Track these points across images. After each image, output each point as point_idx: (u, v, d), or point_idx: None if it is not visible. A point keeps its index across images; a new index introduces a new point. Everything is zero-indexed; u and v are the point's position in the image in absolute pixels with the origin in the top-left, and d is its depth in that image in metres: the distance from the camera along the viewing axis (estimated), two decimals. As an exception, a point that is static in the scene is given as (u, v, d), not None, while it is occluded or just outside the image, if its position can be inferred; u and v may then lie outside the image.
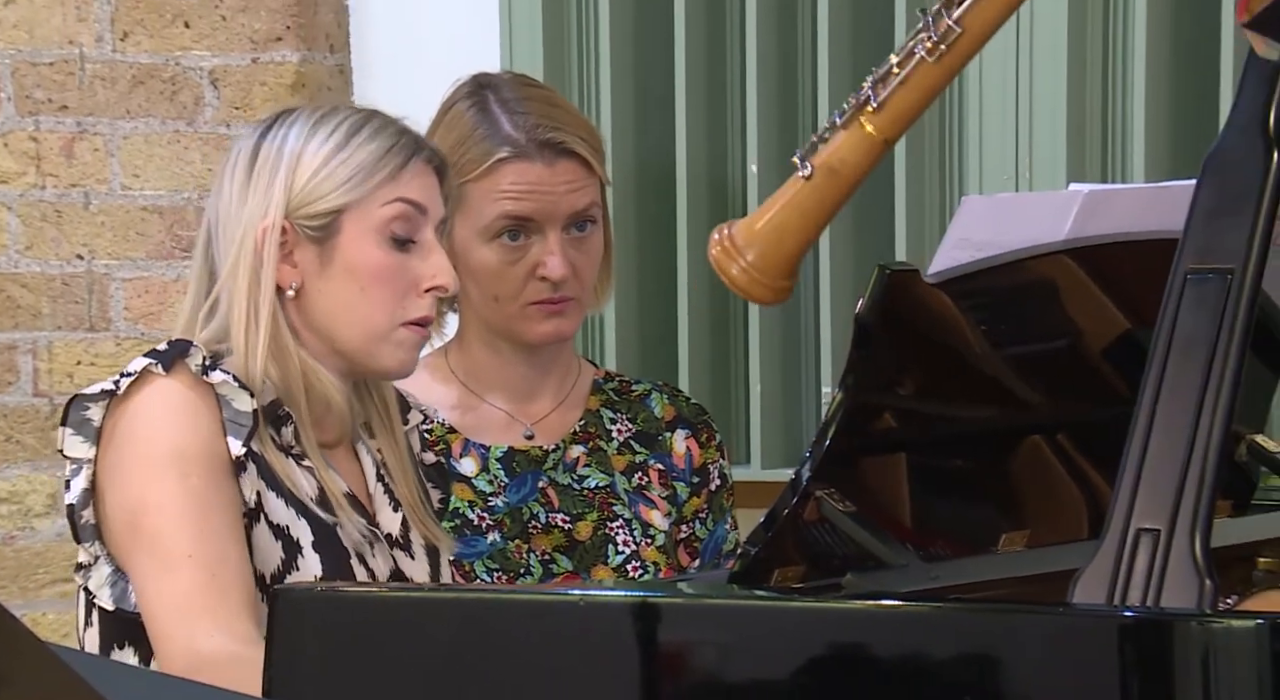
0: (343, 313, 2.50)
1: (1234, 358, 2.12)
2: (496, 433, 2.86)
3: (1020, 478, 2.49)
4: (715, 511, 2.90)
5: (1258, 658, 2.03)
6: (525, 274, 2.80)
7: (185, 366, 2.45)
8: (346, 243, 2.49)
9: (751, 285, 1.64)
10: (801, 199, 1.65)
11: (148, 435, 2.43)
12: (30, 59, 3.66)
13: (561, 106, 2.89)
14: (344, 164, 2.49)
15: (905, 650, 2.15)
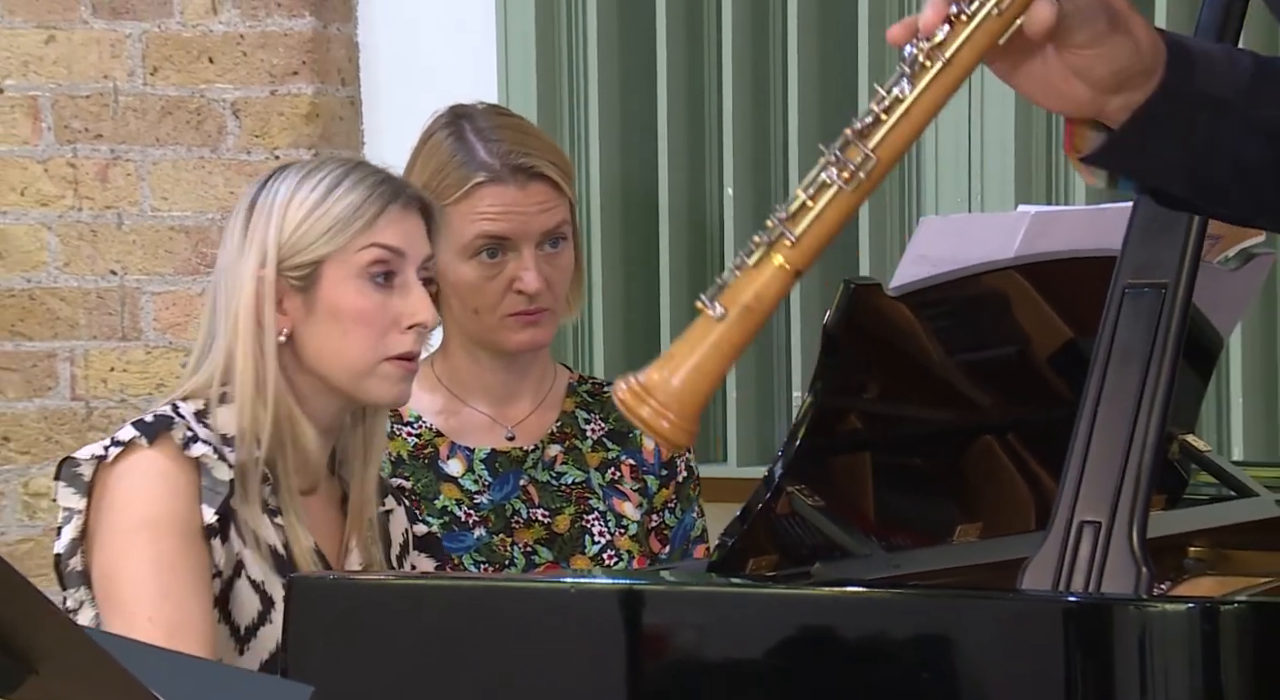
0: (329, 354, 2.48)
1: (1167, 365, 2.12)
2: (480, 435, 2.86)
3: (974, 474, 2.48)
4: (683, 501, 2.91)
5: (1190, 638, 2.03)
6: (503, 288, 2.80)
7: (169, 440, 2.43)
8: (328, 289, 2.48)
9: (673, 431, 1.58)
10: (719, 340, 1.59)
11: (124, 504, 2.41)
12: (69, 92, 3.65)
13: (532, 133, 2.90)
14: (324, 217, 2.47)
15: (869, 632, 2.14)
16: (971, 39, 1.57)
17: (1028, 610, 2.09)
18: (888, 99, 1.58)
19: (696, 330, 1.60)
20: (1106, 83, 1.60)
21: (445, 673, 2.22)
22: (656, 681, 2.18)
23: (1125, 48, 1.60)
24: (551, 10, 3.56)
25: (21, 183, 3.67)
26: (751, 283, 1.59)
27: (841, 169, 1.59)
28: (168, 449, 2.42)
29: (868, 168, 1.59)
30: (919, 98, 1.58)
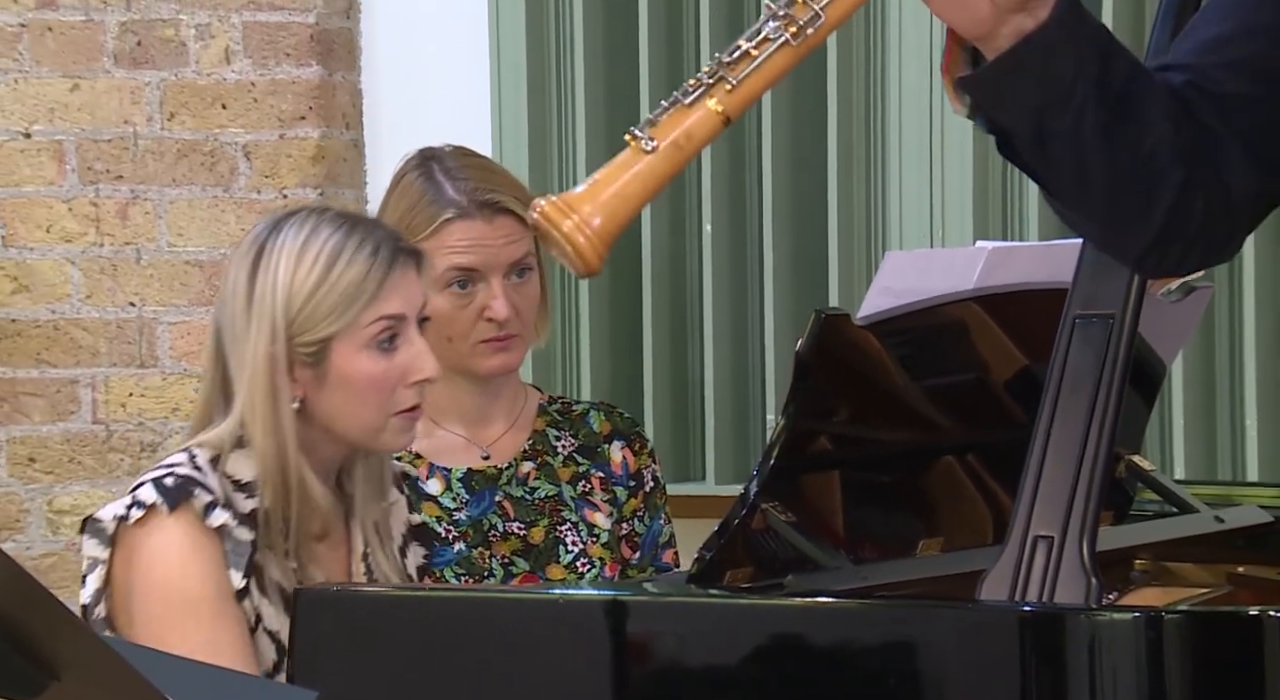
0: (341, 417, 2.45)
1: (1115, 390, 2.12)
2: (456, 456, 2.86)
3: (935, 491, 2.48)
4: (650, 509, 2.91)
5: (1136, 645, 2.03)
6: (474, 317, 2.80)
7: (190, 509, 2.39)
8: (339, 361, 2.45)
9: (589, 247, 1.54)
10: (645, 170, 1.54)
11: (163, 580, 2.37)
12: (91, 137, 3.65)
13: (496, 171, 2.90)
14: (329, 294, 2.44)
15: (839, 640, 2.14)
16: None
17: (986, 619, 2.09)
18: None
19: (624, 159, 1.57)
20: (1015, 2, 1.59)
21: (443, 679, 2.22)
22: (640, 687, 2.17)
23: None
24: (542, 59, 3.56)
25: (47, 220, 3.67)
26: (684, 120, 1.56)
27: (789, 24, 1.56)
28: (189, 518, 2.39)
29: (814, 25, 1.56)
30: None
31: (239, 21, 3.62)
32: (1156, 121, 1.64)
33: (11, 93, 3.65)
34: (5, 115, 3.66)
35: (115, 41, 3.64)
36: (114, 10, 3.63)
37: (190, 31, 3.63)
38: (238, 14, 3.62)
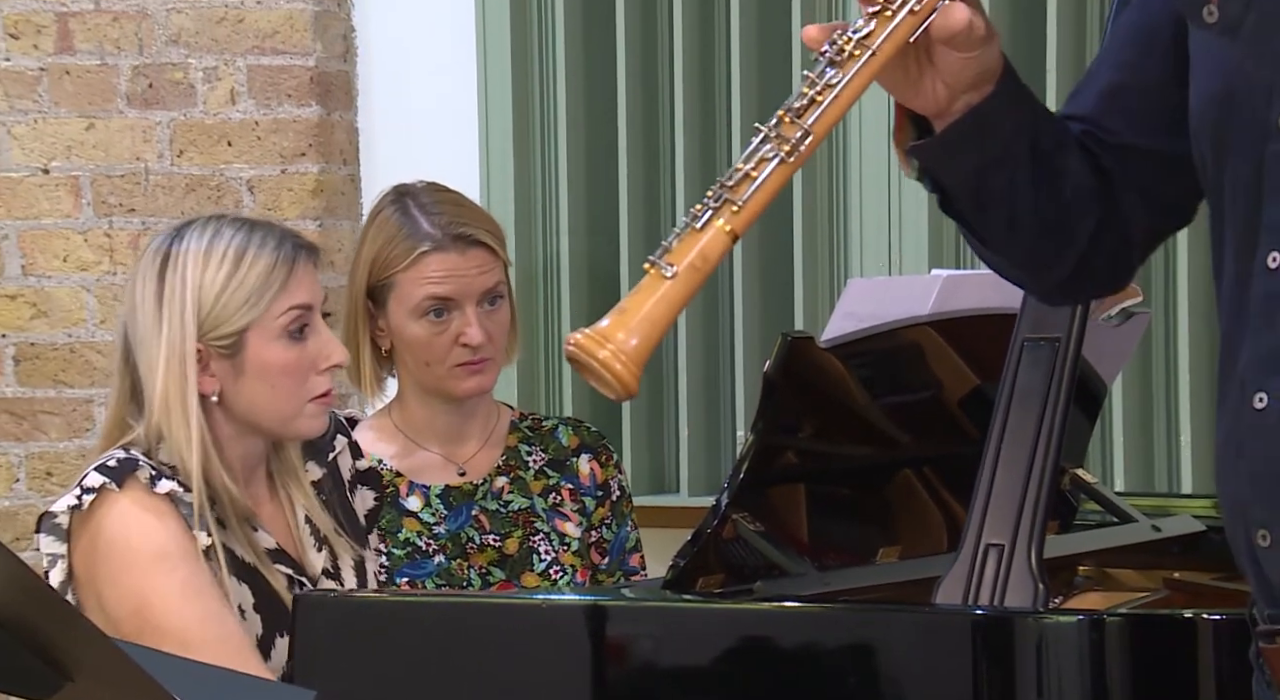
0: (260, 405, 2.42)
1: (1061, 409, 2.12)
2: (434, 473, 2.86)
3: (894, 502, 2.48)
4: (618, 517, 2.91)
5: (1080, 646, 2.03)
6: (450, 342, 2.81)
7: (136, 480, 2.36)
8: (254, 351, 2.42)
9: (625, 372, 1.54)
10: (668, 295, 1.55)
11: (125, 545, 2.34)
12: (105, 172, 3.65)
13: (467, 206, 2.90)
14: (239, 288, 2.41)
15: (804, 642, 2.14)
16: (894, 33, 1.58)
17: (941, 622, 2.09)
18: (820, 83, 1.59)
19: (648, 286, 1.57)
20: (966, 84, 1.64)
21: (435, 679, 2.21)
22: (619, 687, 2.17)
23: (990, 56, 1.64)
24: (526, 99, 3.57)
25: (64, 251, 3.67)
26: (697, 243, 1.57)
27: (781, 144, 1.58)
28: (138, 489, 2.35)
29: (804, 143, 1.58)
30: (849, 82, 1.59)
31: (243, 65, 3.62)
32: (1075, 171, 1.68)
33: (31, 131, 3.65)
34: (26, 152, 3.65)
35: (128, 84, 3.64)
36: (127, 55, 3.63)
37: (198, 74, 3.63)
38: (242, 58, 3.62)
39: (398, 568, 2.81)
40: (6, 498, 3.69)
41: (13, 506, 3.69)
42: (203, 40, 3.61)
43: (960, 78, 1.62)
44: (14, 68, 3.64)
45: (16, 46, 3.64)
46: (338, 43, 3.66)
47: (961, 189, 1.67)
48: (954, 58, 1.61)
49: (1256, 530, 1.57)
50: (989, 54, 1.63)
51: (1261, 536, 1.56)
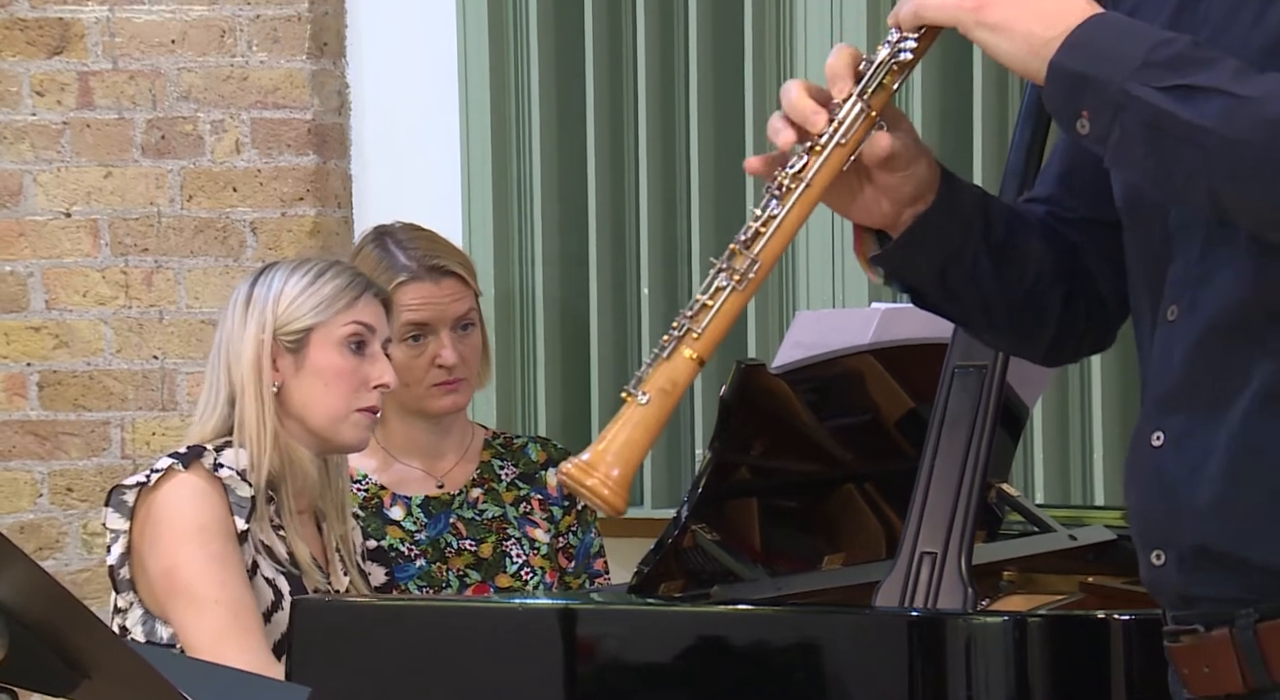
0: (312, 403, 2.50)
1: (988, 429, 2.13)
2: (415, 486, 2.87)
3: (838, 514, 2.48)
4: (582, 525, 2.92)
5: (1005, 644, 2.03)
6: (427, 364, 2.81)
7: (200, 465, 2.45)
8: (315, 352, 2.51)
9: (613, 496, 1.55)
10: (644, 420, 1.56)
11: (176, 515, 2.42)
12: (122, 215, 3.64)
13: (440, 241, 2.92)
14: (313, 295, 2.52)
15: (756, 640, 2.13)
16: (825, 165, 1.58)
17: (880, 622, 2.09)
18: (763, 216, 1.60)
19: (626, 414, 1.58)
20: (908, 198, 1.64)
21: (421, 675, 2.20)
22: (588, 681, 2.16)
23: (924, 169, 1.64)
24: (504, 148, 3.57)
25: (84, 287, 3.66)
26: (667, 371, 1.58)
27: (732, 274, 1.59)
28: (200, 472, 2.44)
29: (753, 271, 1.59)
30: (788, 214, 1.59)
31: (247, 118, 3.62)
32: (1034, 252, 1.67)
33: (55, 179, 3.64)
34: (49, 198, 3.64)
35: (143, 135, 3.64)
36: (142, 110, 3.63)
37: (206, 126, 3.63)
38: (246, 112, 3.62)
39: None
40: (30, 511, 3.68)
41: (36, 519, 3.67)
42: (210, 96, 3.61)
43: (899, 193, 1.62)
44: (39, 122, 3.63)
45: (42, 102, 3.63)
46: (333, 98, 3.67)
47: (928, 287, 1.67)
48: (890, 178, 1.61)
49: (1152, 551, 1.58)
50: (922, 170, 1.62)
51: (1156, 556, 1.57)
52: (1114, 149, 1.48)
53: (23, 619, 1.41)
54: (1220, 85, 1.44)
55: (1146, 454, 1.58)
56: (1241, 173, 1.44)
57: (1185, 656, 1.57)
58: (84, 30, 3.61)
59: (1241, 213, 1.47)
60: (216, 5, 3.59)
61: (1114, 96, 1.46)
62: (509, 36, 3.53)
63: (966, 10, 1.50)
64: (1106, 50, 1.47)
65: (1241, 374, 1.51)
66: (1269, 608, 1.52)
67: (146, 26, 3.61)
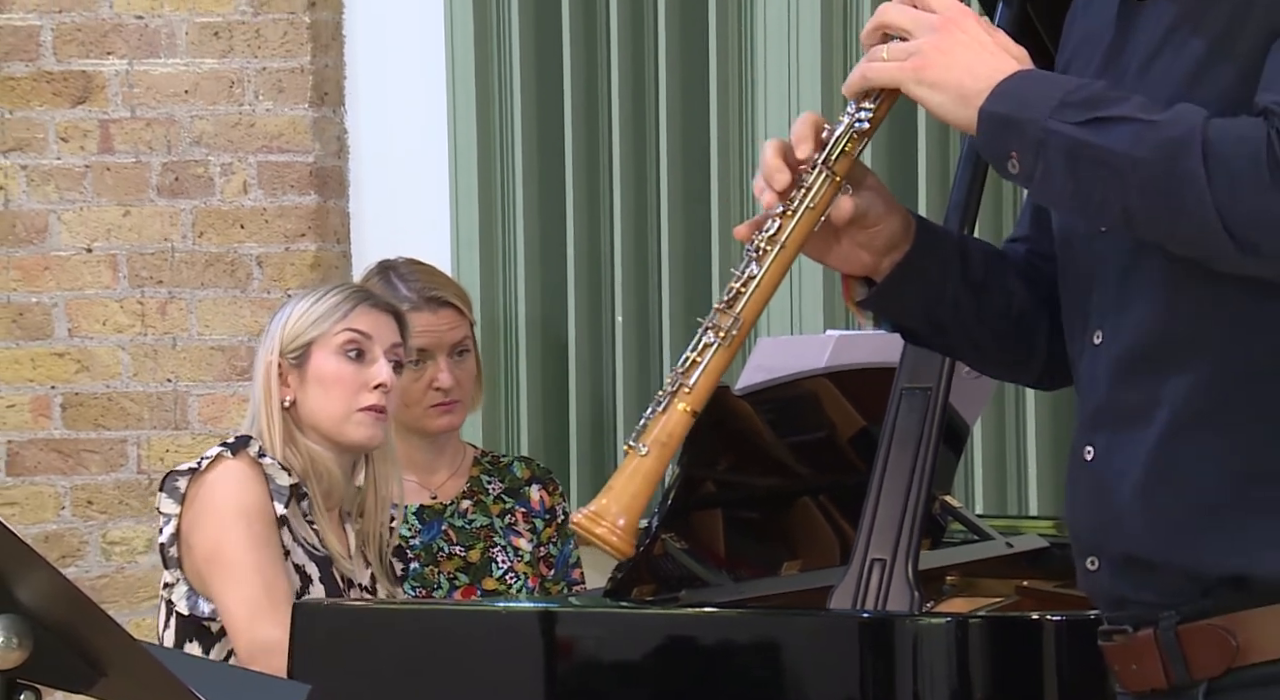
0: (317, 409, 2.53)
1: (932, 446, 2.13)
2: (411, 495, 2.87)
3: (795, 524, 2.48)
4: (562, 537, 2.93)
5: (948, 643, 2.03)
6: (425, 387, 2.82)
7: (246, 453, 2.48)
8: (315, 363, 2.53)
9: (621, 542, 1.57)
10: (645, 471, 1.58)
11: (223, 497, 2.45)
12: (139, 251, 3.63)
13: (439, 275, 2.93)
14: (312, 312, 2.55)
15: (721, 640, 2.13)
16: (796, 228, 1.59)
17: (834, 624, 2.09)
18: (743, 276, 1.60)
19: (628, 466, 1.59)
20: (883, 248, 1.64)
21: (414, 673, 2.20)
22: (567, 678, 2.16)
23: (896, 222, 1.64)
24: (490, 188, 3.57)
25: (103, 316, 3.64)
26: (664, 424, 1.59)
27: (718, 331, 1.59)
28: (245, 459, 2.48)
29: (736, 328, 1.59)
30: (766, 274, 1.59)
31: (254, 161, 3.62)
32: (1015, 288, 1.67)
33: (78, 218, 3.63)
34: (73, 235, 3.63)
35: (158, 177, 3.63)
36: (157, 154, 3.62)
37: (216, 169, 3.62)
38: (253, 155, 3.61)
39: None
40: (54, 522, 3.66)
41: (59, 530, 3.66)
42: (220, 141, 3.61)
43: (874, 245, 1.63)
44: (64, 165, 3.63)
45: (66, 148, 3.63)
46: (333, 143, 3.67)
47: (916, 326, 1.68)
48: (862, 233, 1.62)
49: (1087, 557, 1.58)
50: (894, 222, 1.63)
51: (1090, 562, 1.58)
52: (1039, 182, 1.50)
53: (45, 622, 1.41)
54: (1129, 114, 1.46)
55: (1080, 467, 1.58)
56: (1148, 190, 1.45)
57: (1116, 655, 1.58)
58: (105, 82, 3.61)
59: (1151, 229, 1.48)
60: (226, 58, 3.59)
61: (1036, 134, 1.48)
62: (494, 87, 3.53)
63: (907, 71, 1.52)
64: (1028, 96, 1.49)
65: (1157, 396, 1.52)
66: (1188, 611, 1.52)
67: (162, 78, 3.60)
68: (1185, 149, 1.43)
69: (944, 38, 1.51)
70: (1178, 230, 1.46)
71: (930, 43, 1.51)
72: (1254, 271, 1.46)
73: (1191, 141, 1.43)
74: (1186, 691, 1.53)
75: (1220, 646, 1.50)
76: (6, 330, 3.64)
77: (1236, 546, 1.49)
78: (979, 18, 1.53)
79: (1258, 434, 1.49)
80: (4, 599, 1.40)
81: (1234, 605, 1.50)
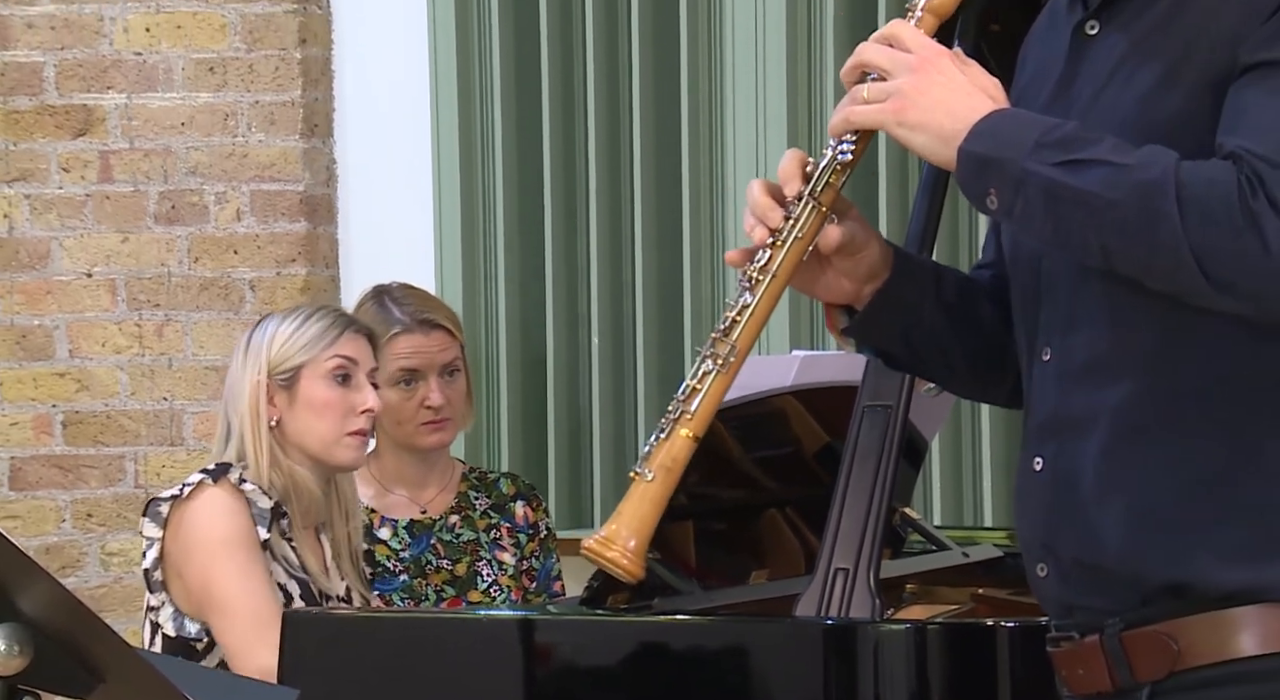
0: (307, 431, 2.51)
1: (893, 461, 2.13)
2: (402, 510, 2.87)
3: (763, 535, 2.48)
4: (544, 551, 2.93)
5: (907, 648, 2.03)
6: (417, 406, 2.82)
7: (227, 480, 2.46)
8: (305, 386, 2.51)
9: (632, 565, 1.57)
10: (652, 496, 1.58)
11: (208, 528, 2.43)
12: (136, 276, 3.62)
13: (431, 299, 2.94)
14: (300, 336, 2.52)
15: (692, 646, 2.13)
16: (786, 258, 1.60)
17: (799, 630, 2.09)
18: (738, 306, 1.61)
19: (635, 491, 1.59)
20: (865, 276, 1.65)
21: (399, 679, 2.19)
22: (545, 683, 2.15)
23: (876, 251, 1.65)
24: (472, 215, 3.58)
25: (103, 338, 3.63)
26: (667, 449, 1.59)
27: (715, 359, 1.60)
28: (227, 487, 2.45)
29: (733, 355, 1.60)
30: (759, 303, 1.60)
31: (247, 190, 3.61)
32: (986, 311, 1.68)
33: (79, 244, 3.62)
34: (73, 260, 3.62)
35: (155, 205, 3.63)
36: (155, 183, 3.62)
37: (211, 197, 3.62)
38: (246, 184, 3.61)
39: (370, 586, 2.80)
40: (55, 534, 3.65)
41: (60, 541, 3.64)
42: (214, 171, 3.60)
43: (856, 274, 1.64)
44: (65, 194, 3.62)
45: (68, 178, 3.62)
46: (322, 172, 3.67)
47: (895, 350, 1.69)
48: (846, 262, 1.63)
49: (1037, 564, 1.59)
50: (874, 252, 1.64)
51: (1040, 568, 1.58)
52: (1019, 218, 1.51)
53: (46, 630, 1.41)
54: (1101, 157, 1.47)
55: (1029, 477, 1.59)
56: (1125, 230, 1.46)
57: (1064, 660, 1.58)
58: (105, 115, 3.60)
59: (1129, 266, 1.49)
60: (220, 92, 3.59)
61: (1015, 174, 1.49)
62: (476, 121, 3.54)
63: (888, 114, 1.53)
64: (1006, 137, 1.50)
65: (1099, 408, 1.53)
66: (1132, 618, 1.53)
67: (159, 111, 3.60)
68: (1160, 191, 1.45)
69: (921, 78, 1.52)
70: (1154, 269, 1.47)
71: (908, 83, 1.52)
72: (1231, 309, 1.48)
73: (1166, 184, 1.45)
74: (1131, 694, 1.54)
75: (1162, 651, 1.51)
76: (10, 351, 3.63)
77: (1175, 555, 1.50)
78: (953, 55, 1.54)
79: (1194, 447, 1.50)
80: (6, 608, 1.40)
81: (1174, 612, 1.51)
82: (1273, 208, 1.42)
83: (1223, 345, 1.49)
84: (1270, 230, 1.42)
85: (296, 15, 3.58)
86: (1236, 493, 1.49)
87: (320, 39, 3.64)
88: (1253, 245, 1.43)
